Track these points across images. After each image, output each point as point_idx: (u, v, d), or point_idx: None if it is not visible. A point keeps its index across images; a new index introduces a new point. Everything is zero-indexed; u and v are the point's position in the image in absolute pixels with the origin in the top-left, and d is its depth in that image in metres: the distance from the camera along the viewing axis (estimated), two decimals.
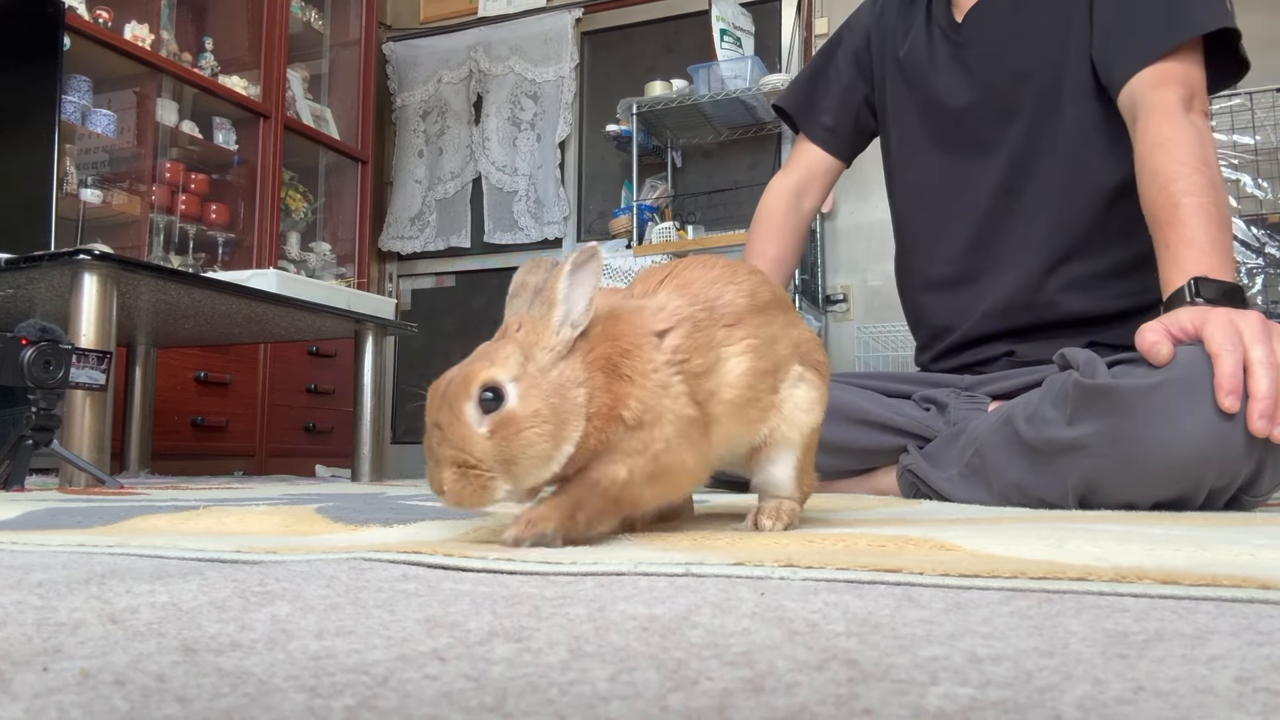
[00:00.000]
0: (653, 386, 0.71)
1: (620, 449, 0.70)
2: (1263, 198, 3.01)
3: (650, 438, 0.70)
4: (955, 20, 1.63)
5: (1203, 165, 1.25)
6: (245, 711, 0.26)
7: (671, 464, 0.72)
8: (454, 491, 0.66)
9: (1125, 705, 0.27)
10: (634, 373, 0.70)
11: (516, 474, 0.67)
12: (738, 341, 0.78)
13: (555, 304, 0.70)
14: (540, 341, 0.69)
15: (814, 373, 0.85)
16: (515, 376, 0.67)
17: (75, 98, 3.24)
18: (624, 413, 0.70)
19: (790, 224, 1.81)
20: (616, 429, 0.70)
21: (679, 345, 0.74)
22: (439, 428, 0.67)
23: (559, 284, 0.69)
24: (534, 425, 0.66)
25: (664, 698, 0.28)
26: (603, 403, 0.69)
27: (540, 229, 4.42)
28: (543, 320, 0.70)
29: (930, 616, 0.41)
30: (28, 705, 0.26)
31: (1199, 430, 1.05)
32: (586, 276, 0.70)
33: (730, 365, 0.77)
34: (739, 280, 0.81)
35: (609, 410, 0.69)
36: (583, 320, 0.70)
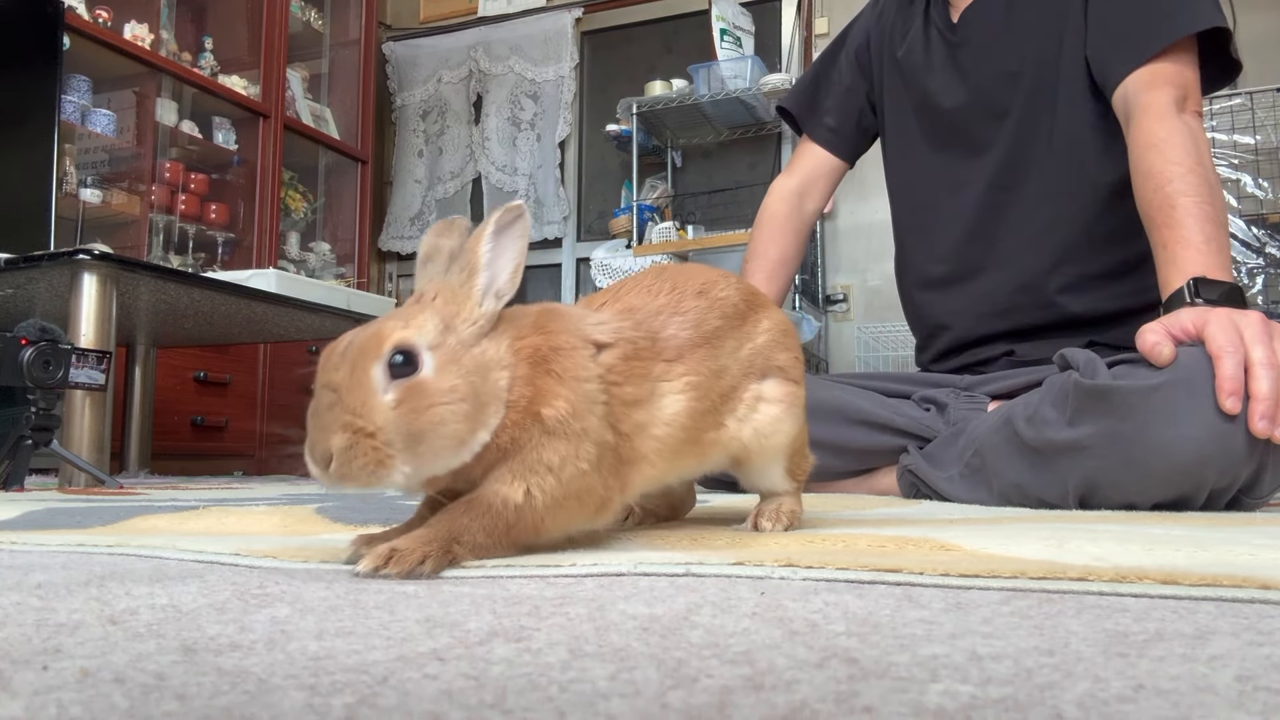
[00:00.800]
0: (583, 394, 0.63)
1: (526, 459, 0.61)
2: (1263, 198, 3.01)
3: (567, 453, 0.62)
4: (952, 20, 1.63)
5: (1197, 165, 1.25)
6: (245, 709, 0.26)
7: (584, 491, 0.63)
8: (342, 464, 0.56)
9: (1126, 704, 0.27)
10: (565, 372, 0.63)
11: (421, 455, 0.58)
12: (677, 378, 0.71)
13: (477, 270, 0.62)
14: (461, 312, 0.62)
15: (777, 379, 0.80)
16: (433, 345, 0.59)
17: (75, 97, 3.24)
18: (545, 410, 0.61)
19: (793, 225, 1.81)
20: (531, 429, 0.61)
21: (614, 365, 0.67)
22: (333, 390, 0.58)
23: (481, 248, 0.62)
24: (449, 402, 0.58)
25: (664, 695, 0.28)
26: (523, 394, 0.62)
27: (540, 229, 4.42)
28: (463, 289, 0.62)
29: (930, 616, 0.41)
30: (27, 703, 0.26)
31: (1200, 431, 1.05)
32: (512, 241, 0.63)
33: (666, 403, 0.70)
34: (685, 310, 0.74)
35: (528, 404, 0.62)
36: (508, 290, 0.63)
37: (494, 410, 0.60)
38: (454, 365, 0.59)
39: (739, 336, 0.78)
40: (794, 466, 0.84)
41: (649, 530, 0.81)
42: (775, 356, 0.80)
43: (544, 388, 0.62)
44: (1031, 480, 1.20)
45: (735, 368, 0.77)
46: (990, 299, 1.56)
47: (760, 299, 0.83)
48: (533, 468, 0.61)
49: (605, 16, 4.47)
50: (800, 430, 0.83)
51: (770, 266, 1.78)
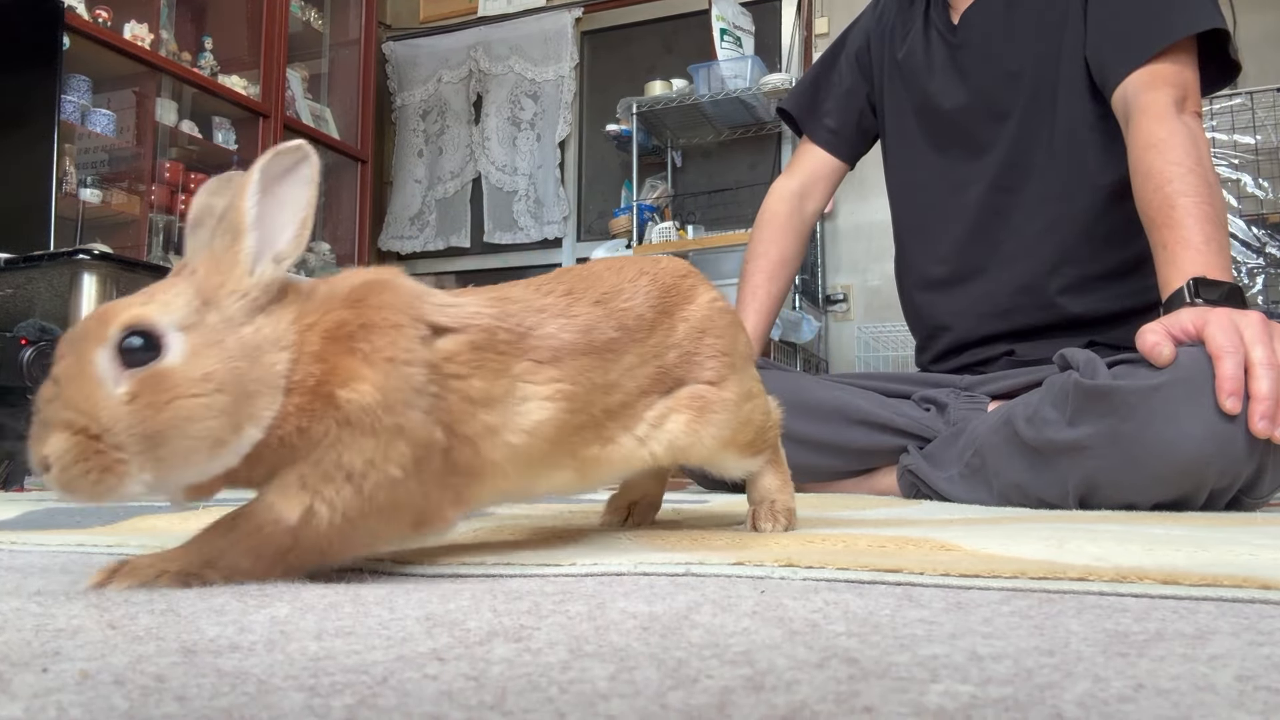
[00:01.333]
0: (400, 380, 0.51)
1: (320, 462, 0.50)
2: (1263, 198, 3.01)
3: (374, 454, 0.50)
4: (952, 22, 1.63)
5: (1197, 165, 1.25)
6: (245, 710, 0.26)
7: (394, 505, 0.52)
8: (63, 471, 0.46)
9: (1126, 703, 0.27)
10: (375, 352, 0.51)
11: (163, 460, 0.47)
12: (547, 383, 0.60)
13: (242, 230, 0.50)
14: (227, 284, 0.50)
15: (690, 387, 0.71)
16: (185, 324, 0.48)
17: (75, 97, 3.24)
18: (341, 392, 0.49)
19: (793, 226, 1.82)
20: (323, 419, 0.49)
21: (458, 354, 0.55)
22: (55, 381, 0.47)
23: (246, 202, 0.50)
24: (201, 394, 0.47)
25: (664, 695, 0.28)
26: (309, 373, 0.50)
27: (540, 229, 4.42)
28: (228, 254, 0.50)
29: (931, 616, 0.41)
30: (27, 704, 0.26)
31: (1200, 431, 1.05)
32: (293, 190, 0.52)
33: (529, 409, 0.59)
34: (574, 314, 0.64)
35: (317, 384, 0.50)
36: (291, 252, 0.52)
37: (266, 400, 0.49)
38: (213, 349, 0.48)
39: (642, 352, 0.68)
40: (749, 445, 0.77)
41: (648, 530, 0.81)
42: (690, 369, 0.71)
43: (342, 366, 0.50)
44: (1031, 480, 1.20)
45: (631, 384, 0.67)
46: (991, 300, 1.56)
47: (679, 299, 0.73)
48: (327, 474, 0.50)
49: (605, 16, 4.47)
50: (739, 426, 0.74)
51: (770, 267, 1.79)
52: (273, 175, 0.51)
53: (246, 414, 0.48)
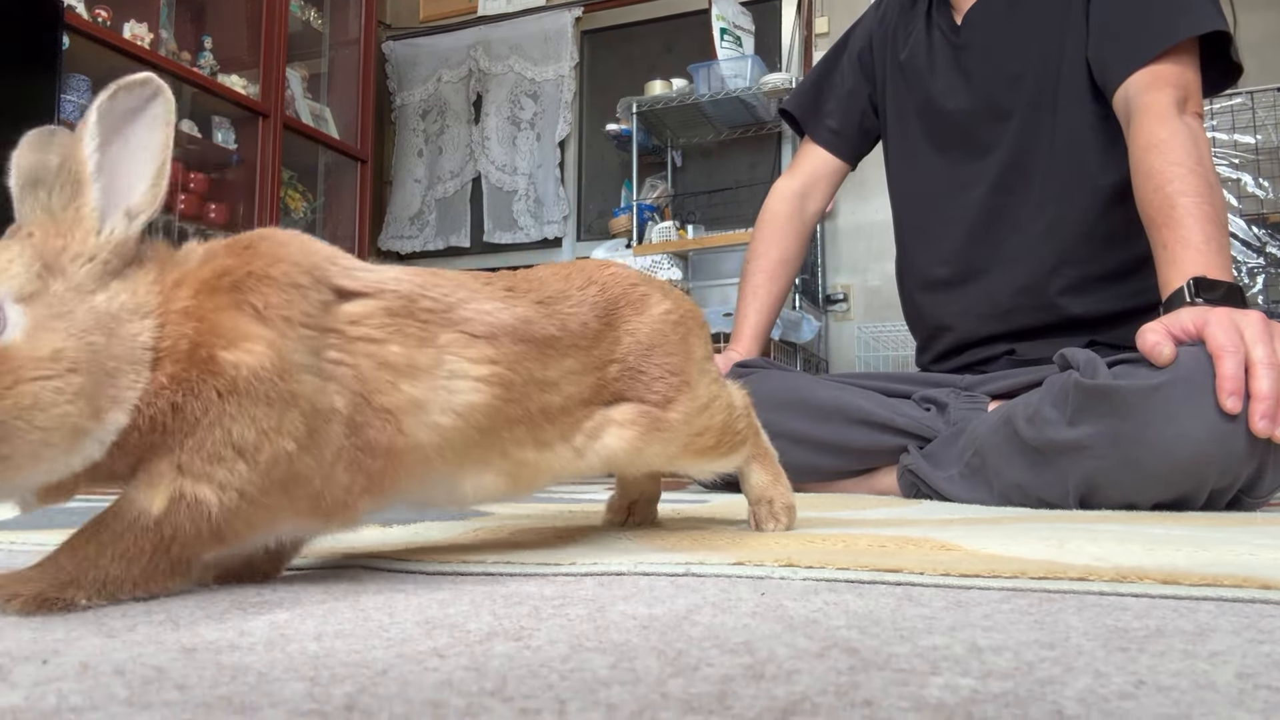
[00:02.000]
0: (295, 341, 0.44)
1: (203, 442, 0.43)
2: (1263, 197, 3.01)
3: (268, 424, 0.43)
4: (955, 23, 1.63)
5: (1198, 166, 1.25)
6: (245, 698, 0.26)
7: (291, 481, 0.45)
8: None
9: (1126, 700, 0.27)
10: (269, 308, 0.44)
11: (8, 458, 0.40)
12: (480, 362, 0.53)
13: (85, 181, 0.44)
14: (70, 246, 0.43)
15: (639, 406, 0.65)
16: (24, 295, 0.41)
17: (75, 97, 3.24)
18: (225, 354, 0.42)
19: (794, 226, 1.82)
20: (201, 392, 0.42)
21: (366, 316, 0.48)
22: None
23: (84, 149, 0.44)
24: (50, 375, 0.40)
25: (664, 683, 0.28)
26: (183, 334, 0.43)
27: (540, 228, 4.42)
28: (68, 212, 0.44)
29: (931, 613, 0.41)
30: (27, 693, 0.26)
31: (1200, 431, 1.05)
32: (145, 133, 0.45)
33: (459, 386, 0.51)
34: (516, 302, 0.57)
35: (193, 347, 0.43)
36: (147, 205, 0.45)
37: (128, 380, 0.42)
38: (60, 321, 0.41)
39: (585, 360, 0.62)
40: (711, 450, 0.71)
41: (649, 530, 0.81)
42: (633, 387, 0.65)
43: (224, 323, 0.43)
44: (1032, 480, 1.20)
45: (571, 389, 0.60)
46: (991, 300, 1.56)
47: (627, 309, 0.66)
48: (215, 454, 0.43)
49: (605, 16, 4.47)
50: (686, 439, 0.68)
51: (771, 267, 1.79)
52: (117, 116, 0.44)
53: (107, 396, 0.41)
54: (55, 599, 0.42)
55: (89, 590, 0.43)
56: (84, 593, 0.43)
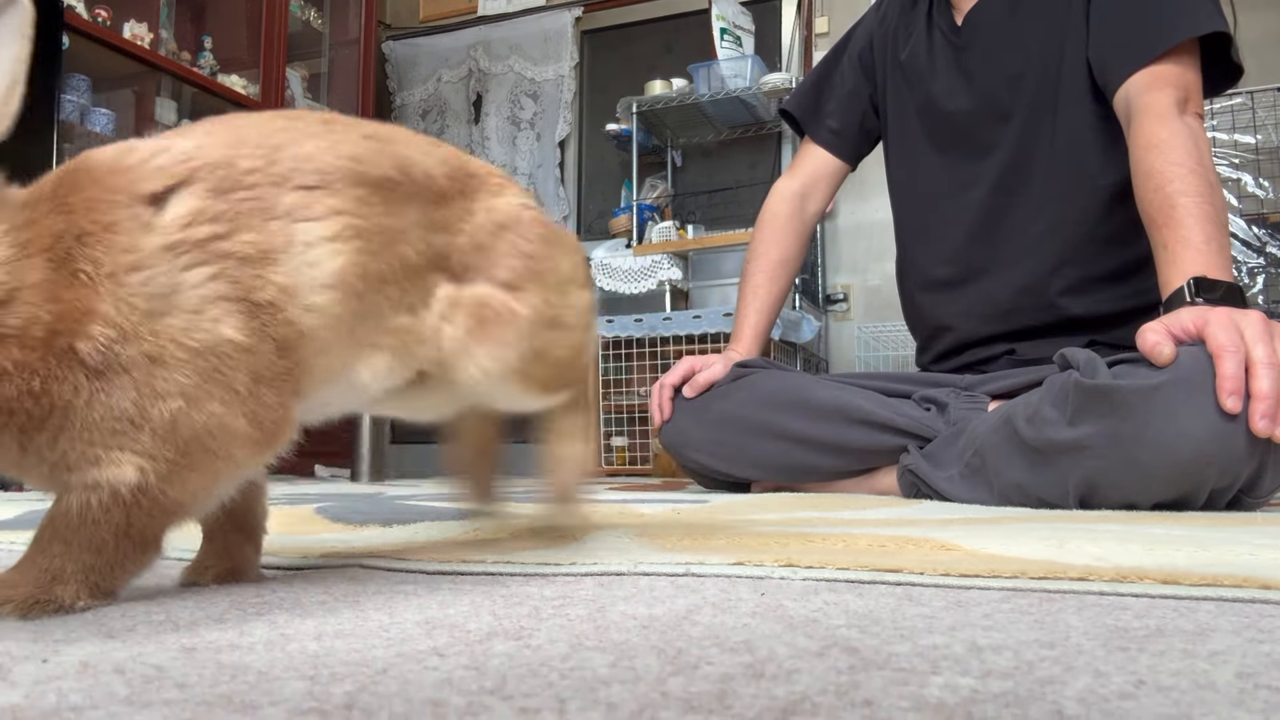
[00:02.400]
0: (136, 294, 0.41)
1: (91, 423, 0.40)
2: (1263, 197, 3.01)
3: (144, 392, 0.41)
4: (955, 23, 1.63)
5: (1198, 166, 1.25)
6: (245, 696, 0.26)
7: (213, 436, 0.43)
8: None
9: (1126, 700, 0.27)
10: (97, 269, 0.41)
11: None
12: (328, 216, 0.47)
13: None
14: None
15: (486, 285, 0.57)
16: None
17: (74, 97, 3.24)
18: (80, 344, 0.40)
19: (794, 226, 1.82)
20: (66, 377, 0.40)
21: (192, 213, 0.43)
22: None
23: None
24: None
25: (664, 682, 0.28)
26: (36, 318, 0.39)
27: None
28: None
29: (931, 613, 0.41)
30: (28, 691, 0.26)
31: (1201, 431, 1.05)
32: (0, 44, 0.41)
33: (318, 255, 0.46)
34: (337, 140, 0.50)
35: (49, 335, 0.39)
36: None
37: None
38: None
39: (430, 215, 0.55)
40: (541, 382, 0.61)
41: (649, 530, 0.81)
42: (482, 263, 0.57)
43: (71, 303, 0.40)
44: (1032, 480, 1.20)
45: (421, 244, 0.53)
46: (992, 301, 1.56)
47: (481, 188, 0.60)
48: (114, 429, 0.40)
49: (605, 16, 4.47)
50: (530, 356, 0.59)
51: (771, 267, 1.79)
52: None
53: None
54: (46, 600, 0.41)
55: (74, 584, 0.42)
56: (70, 588, 0.42)
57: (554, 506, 0.60)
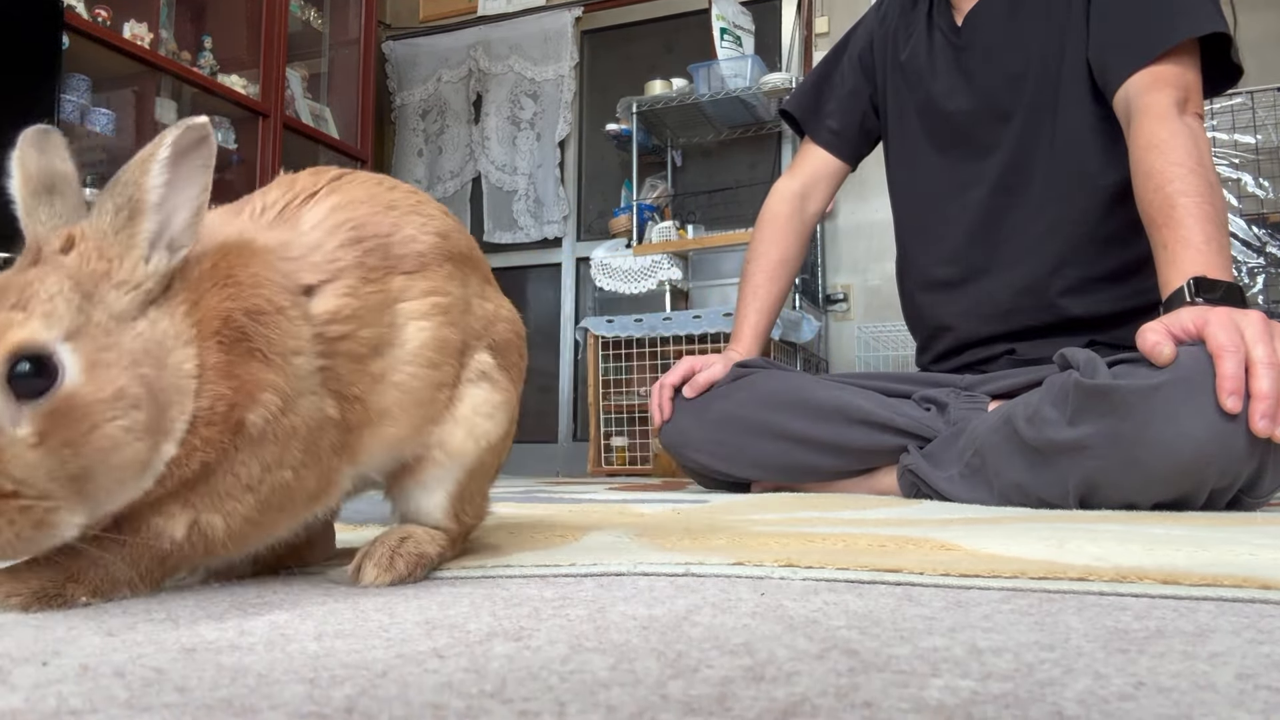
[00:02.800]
0: (295, 372, 0.46)
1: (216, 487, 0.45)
2: (1263, 197, 3.01)
3: (272, 459, 0.46)
4: (955, 24, 1.63)
5: (1198, 166, 1.25)
6: (245, 700, 0.26)
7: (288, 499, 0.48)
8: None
9: (1126, 701, 0.27)
10: (271, 349, 0.45)
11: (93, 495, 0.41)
12: (422, 297, 0.53)
13: (143, 210, 0.44)
14: (116, 273, 0.43)
15: (504, 372, 0.60)
16: (72, 331, 0.41)
17: (74, 97, 3.23)
18: (250, 416, 0.44)
19: (794, 226, 1.82)
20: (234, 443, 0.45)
21: (338, 311, 0.49)
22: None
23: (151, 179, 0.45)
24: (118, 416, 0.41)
25: (664, 685, 0.28)
26: (220, 396, 0.44)
27: (540, 228, 4.42)
28: (120, 236, 0.44)
29: (931, 614, 0.41)
30: (28, 695, 0.26)
31: (1201, 431, 1.05)
32: (195, 172, 0.46)
33: (409, 333, 0.52)
34: (427, 211, 0.57)
35: (229, 409, 0.44)
36: (186, 240, 0.46)
37: (177, 409, 0.43)
38: (111, 354, 0.41)
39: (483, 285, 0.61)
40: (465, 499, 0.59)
41: (648, 530, 0.81)
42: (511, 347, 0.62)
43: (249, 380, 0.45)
44: (1032, 480, 1.20)
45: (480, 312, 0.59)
46: (992, 301, 1.56)
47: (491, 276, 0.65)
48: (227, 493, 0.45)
49: (605, 16, 4.47)
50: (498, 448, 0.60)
51: (771, 267, 1.79)
52: (181, 149, 0.46)
53: (162, 429, 0.43)
54: (55, 595, 0.43)
55: (88, 588, 0.44)
56: (84, 589, 0.44)
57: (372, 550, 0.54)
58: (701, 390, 1.62)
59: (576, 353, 4.12)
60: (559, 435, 4.21)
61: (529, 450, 4.15)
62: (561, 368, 4.26)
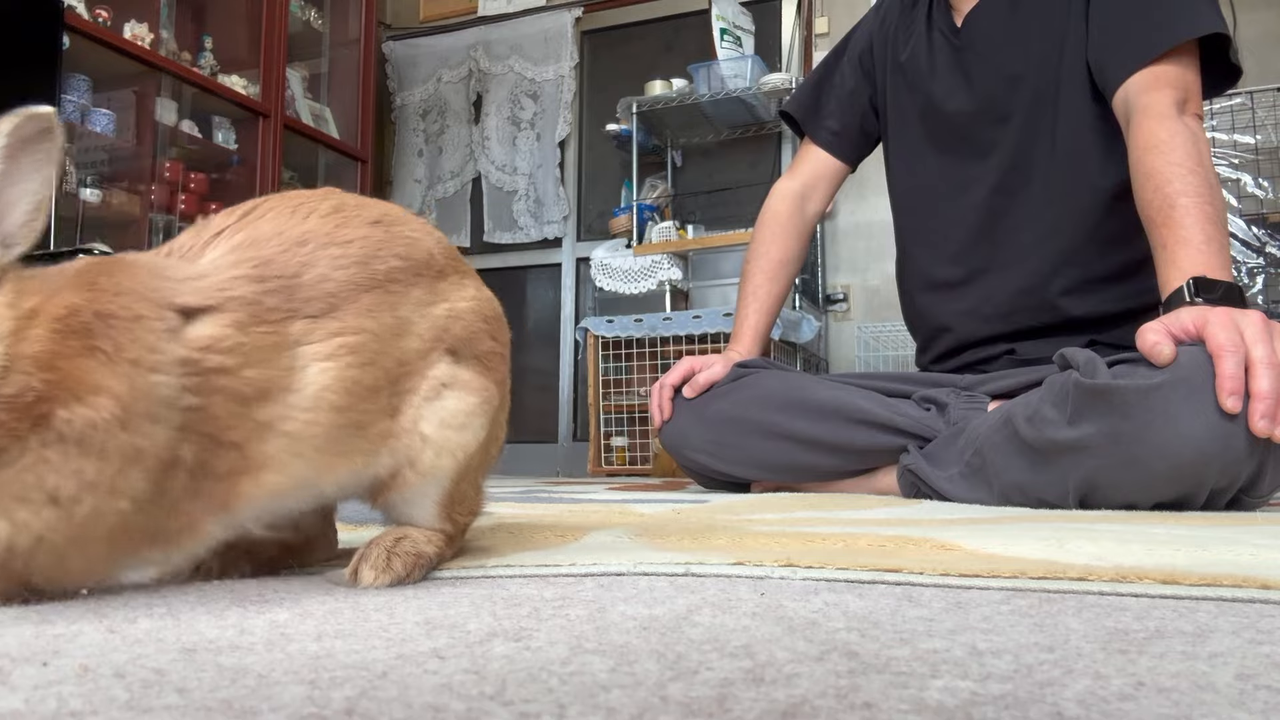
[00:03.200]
0: (145, 389, 0.43)
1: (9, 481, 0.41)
2: (1263, 197, 3.01)
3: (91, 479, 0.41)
4: (955, 24, 1.63)
5: (1198, 166, 1.25)
6: (245, 701, 0.26)
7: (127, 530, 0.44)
8: None
9: (1126, 701, 0.27)
10: (119, 353, 0.42)
11: None
12: (326, 339, 0.49)
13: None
14: None
15: (473, 369, 0.56)
16: None
17: (75, 97, 3.24)
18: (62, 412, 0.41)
19: (794, 226, 1.82)
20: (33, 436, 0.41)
21: (218, 340, 0.46)
22: None
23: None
24: None
25: (664, 687, 0.28)
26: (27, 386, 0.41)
27: (540, 228, 4.42)
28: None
29: (930, 614, 0.41)
30: (27, 696, 0.26)
31: (1200, 431, 1.05)
32: (35, 165, 0.44)
33: (310, 375, 0.48)
34: (347, 239, 0.52)
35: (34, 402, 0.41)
36: (24, 237, 0.44)
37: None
38: None
39: (433, 291, 0.56)
40: (456, 501, 0.57)
41: (648, 530, 0.81)
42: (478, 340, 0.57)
43: (73, 375, 0.41)
44: (1032, 480, 1.20)
45: (424, 326, 0.54)
46: (992, 302, 1.56)
47: (465, 265, 0.62)
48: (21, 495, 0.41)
49: (605, 16, 4.47)
50: (485, 448, 0.57)
51: (771, 267, 1.79)
52: (16, 141, 0.43)
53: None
54: None
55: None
56: None
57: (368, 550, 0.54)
58: (701, 390, 1.62)
59: (576, 353, 4.12)
60: (559, 435, 4.21)
61: (529, 450, 4.15)
62: (561, 368, 4.27)
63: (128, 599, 0.44)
